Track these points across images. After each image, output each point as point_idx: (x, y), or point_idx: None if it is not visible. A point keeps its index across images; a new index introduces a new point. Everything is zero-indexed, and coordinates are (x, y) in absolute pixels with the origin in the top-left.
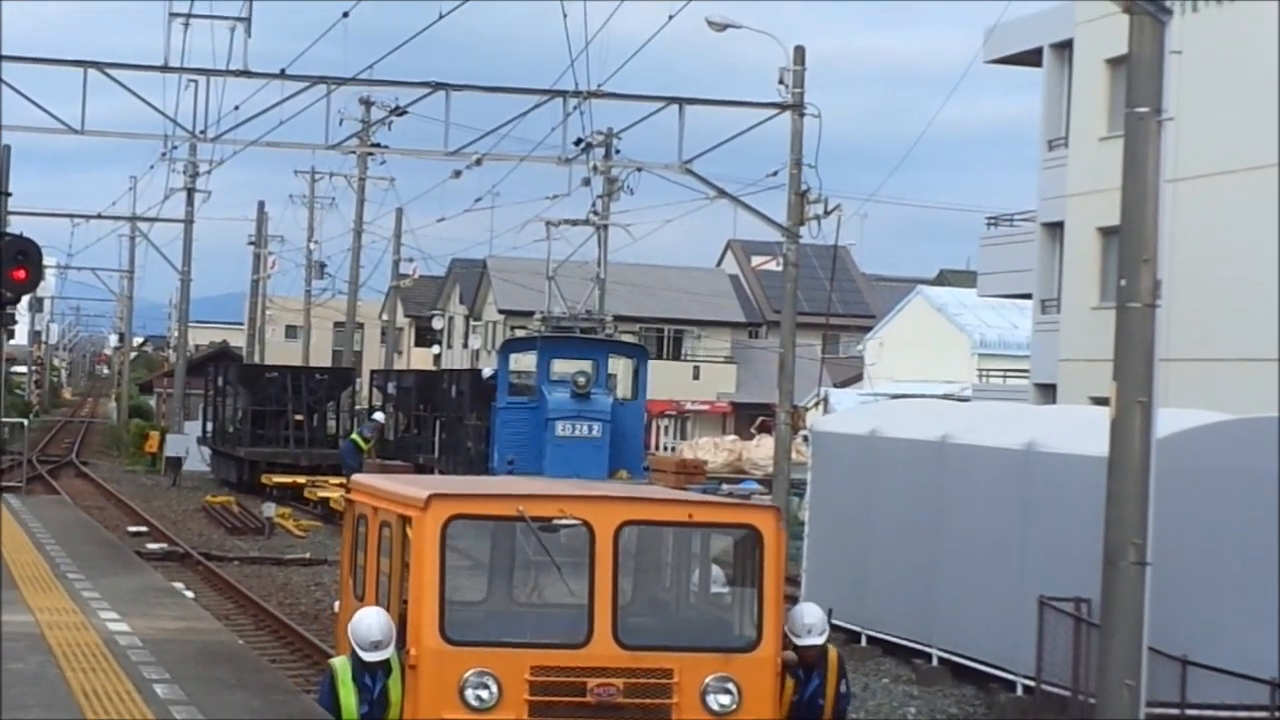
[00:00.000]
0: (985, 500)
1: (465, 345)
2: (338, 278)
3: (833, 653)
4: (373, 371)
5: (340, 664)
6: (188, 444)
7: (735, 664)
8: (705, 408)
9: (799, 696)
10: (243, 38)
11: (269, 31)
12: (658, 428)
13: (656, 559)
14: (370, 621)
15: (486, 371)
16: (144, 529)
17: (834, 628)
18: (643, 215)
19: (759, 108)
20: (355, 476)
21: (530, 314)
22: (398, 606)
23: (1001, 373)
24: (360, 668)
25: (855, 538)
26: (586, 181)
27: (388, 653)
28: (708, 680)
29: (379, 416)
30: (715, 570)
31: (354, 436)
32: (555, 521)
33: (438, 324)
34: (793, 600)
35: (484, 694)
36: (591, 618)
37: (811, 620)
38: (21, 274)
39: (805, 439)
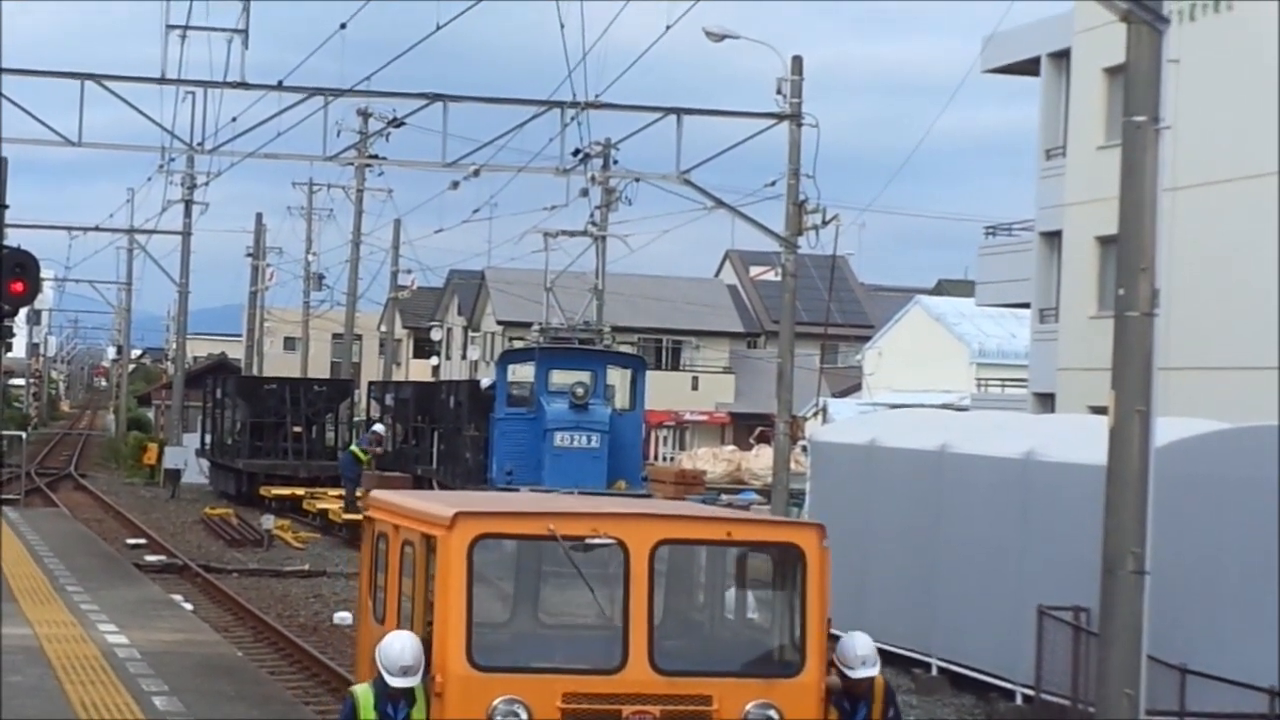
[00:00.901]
0: (984, 509)
1: (464, 356)
2: (336, 289)
3: (879, 680)
4: (370, 383)
5: (362, 691)
6: (186, 456)
7: (777, 690)
8: (704, 418)
9: None
10: (240, 49)
11: (266, 43)
12: (656, 438)
13: (694, 579)
14: (401, 645)
15: (485, 382)
16: (142, 541)
17: (831, 637)
18: (641, 225)
19: (757, 118)
20: (374, 493)
21: (529, 325)
22: (421, 630)
23: (1000, 382)
24: (383, 696)
25: (854, 547)
26: (584, 192)
27: (418, 678)
28: (749, 708)
29: (379, 428)
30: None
31: (353, 448)
32: (588, 540)
33: (436, 335)
34: None
35: None
36: (626, 642)
37: (865, 651)
38: (19, 286)
39: (804, 449)
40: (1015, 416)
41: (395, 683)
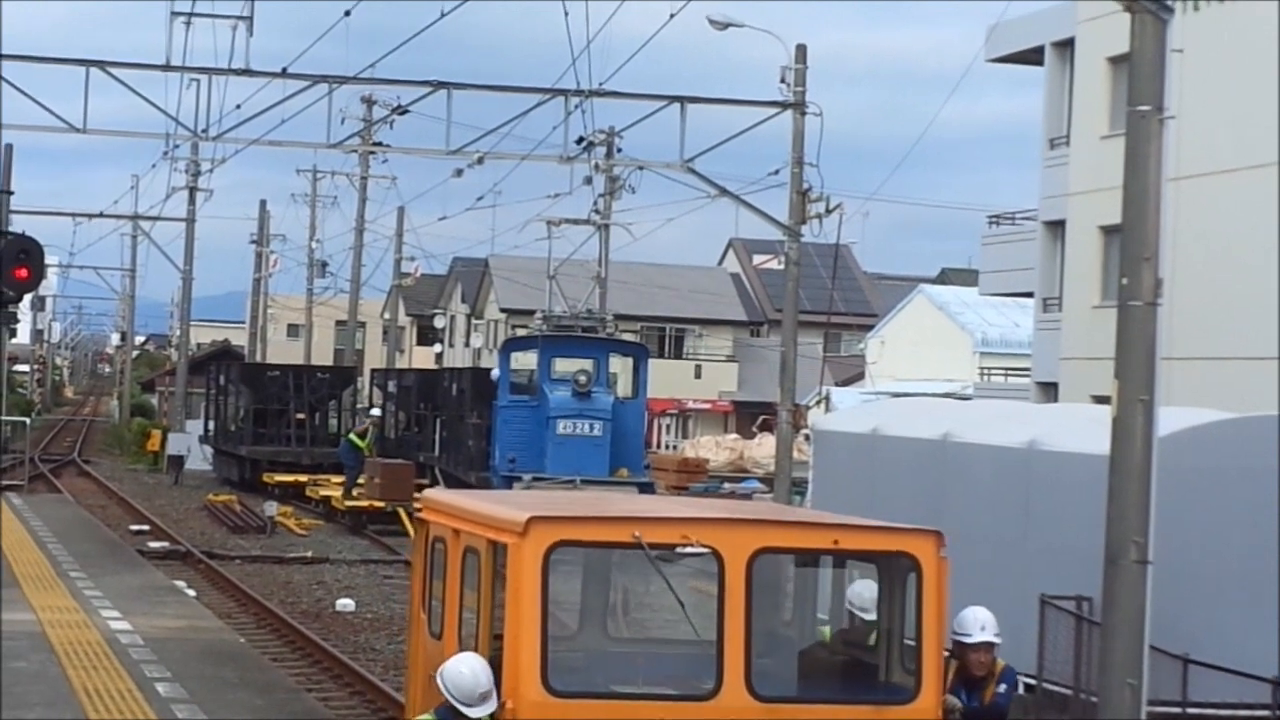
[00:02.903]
0: (987, 498)
1: (467, 344)
2: (339, 276)
3: (999, 662)
4: (373, 370)
5: None
6: (189, 443)
7: (890, 718)
8: (707, 406)
9: None
10: (244, 36)
11: (270, 30)
12: (659, 426)
13: (792, 592)
14: (472, 670)
15: (495, 373)
16: (146, 528)
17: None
18: (644, 214)
19: (760, 106)
20: (428, 492)
21: (532, 313)
22: (487, 649)
23: (1003, 371)
24: None
25: None
26: (588, 180)
27: (494, 703)
28: None
29: (375, 412)
30: (859, 587)
31: (351, 436)
32: (678, 549)
33: (439, 323)
34: None
35: None
36: (721, 663)
37: (984, 617)
38: (23, 273)
39: (807, 437)
40: (1018, 406)
41: (474, 713)
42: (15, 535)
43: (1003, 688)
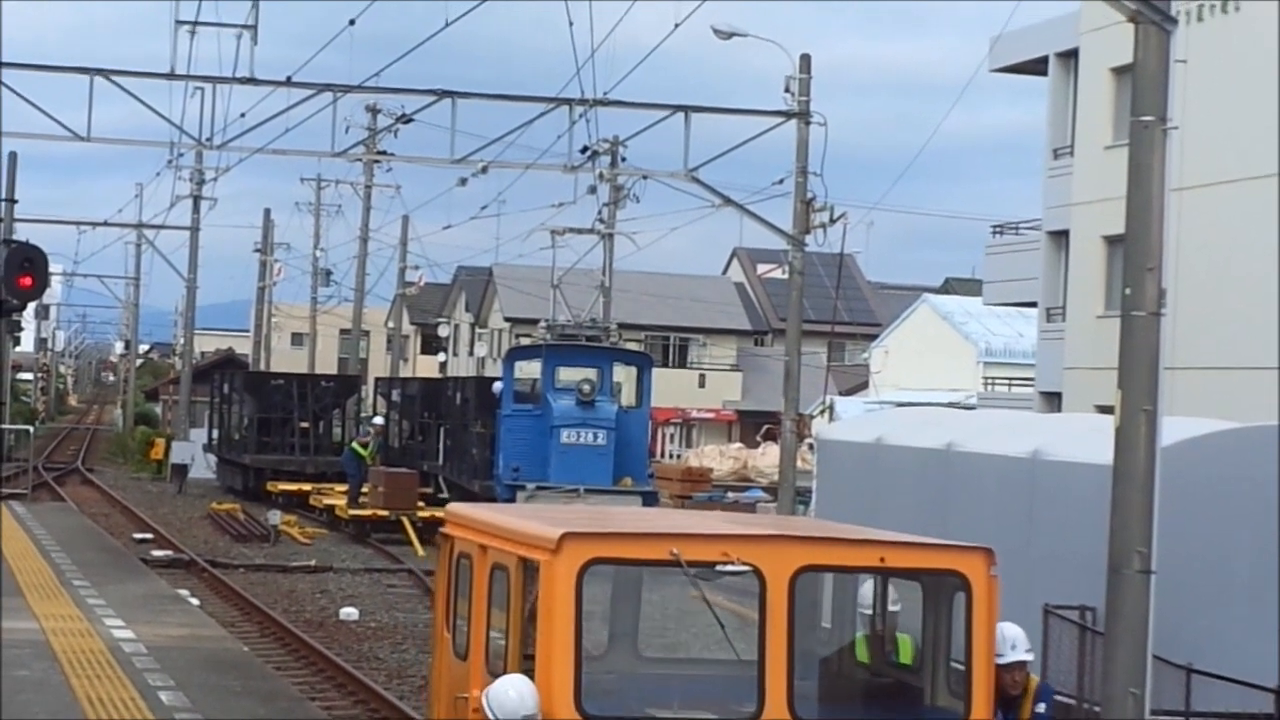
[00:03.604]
0: (990, 508)
1: (471, 353)
2: (344, 285)
3: (1033, 679)
4: (377, 379)
5: None
6: (193, 451)
7: None
8: (711, 416)
9: None
10: (249, 45)
11: (275, 39)
12: (663, 435)
13: (840, 612)
14: (518, 693)
15: (497, 386)
16: (149, 536)
17: None
18: (649, 223)
19: (765, 116)
20: (453, 506)
21: (536, 321)
22: (517, 669)
23: (1007, 381)
24: None
25: None
26: (592, 189)
27: None
28: None
29: (378, 420)
30: (869, 588)
31: (353, 445)
32: (718, 567)
33: (444, 331)
34: None
35: None
36: (762, 685)
37: (1014, 634)
38: (27, 281)
39: (811, 447)
40: (1022, 415)
41: None
42: (19, 544)
43: (1041, 706)
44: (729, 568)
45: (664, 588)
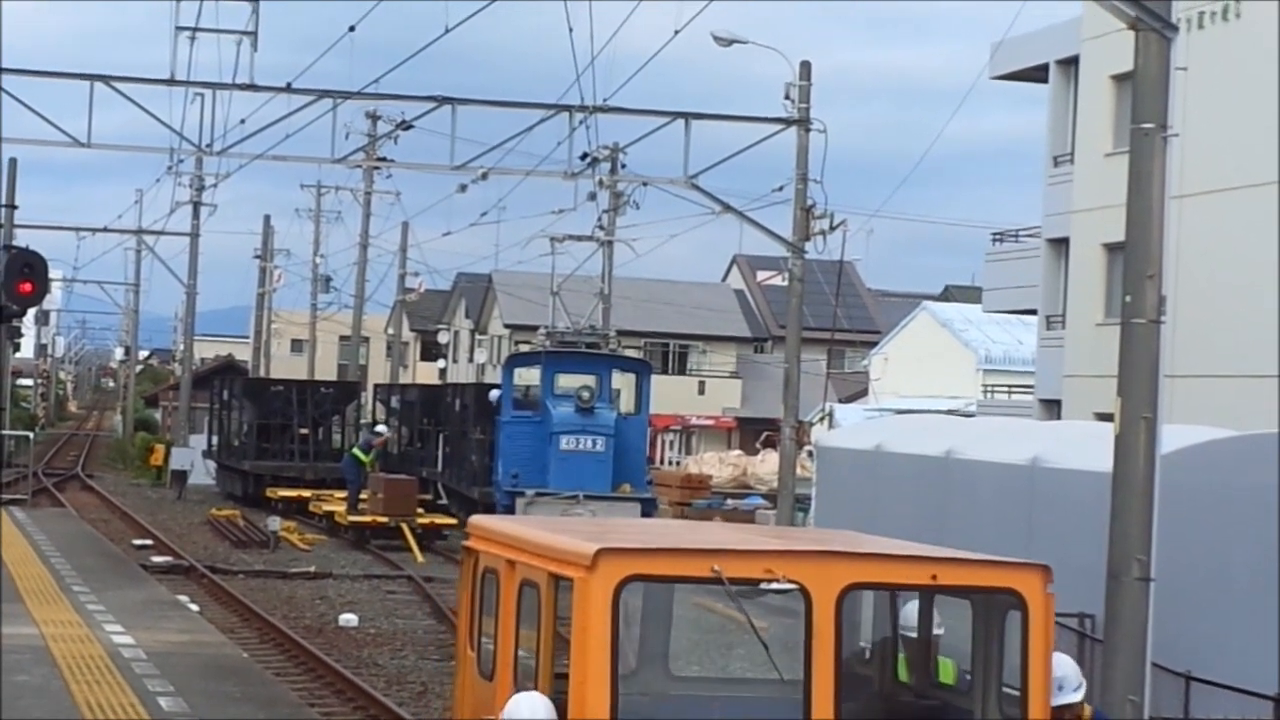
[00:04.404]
0: (989, 515)
1: (471, 359)
2: (343, 291)
3: (1086, 711)
4: (376, 385)
5: None
6: (193, 457)
7: None
8: (710, 422)
9: None
10: (249, 51)
11: (275, 45)
12: (663, 443)
13: (880, 629)
14: (531, 707)
15: (494, 394)
16: (149, 542)
17: None
18: (649, 230)
19: (765, 123)
20: (477, 518)
21: (536, 328)
22: (547, 691)
23: (1006, 388)
24: None
25: None
26: (592, 196)
27: None
28: None
29: (381, 429)
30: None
31: (354, 451)
32: (762, 585)
33: (443, 338)
34: None
35: None
36: (808, 707)
37: (1063, 672)
38: (27, 287)
39: (810, 454)
40: (1021, 423)
41: None
42: (19, 549)
43: None
44: (773, 585)
45: (693, 603)
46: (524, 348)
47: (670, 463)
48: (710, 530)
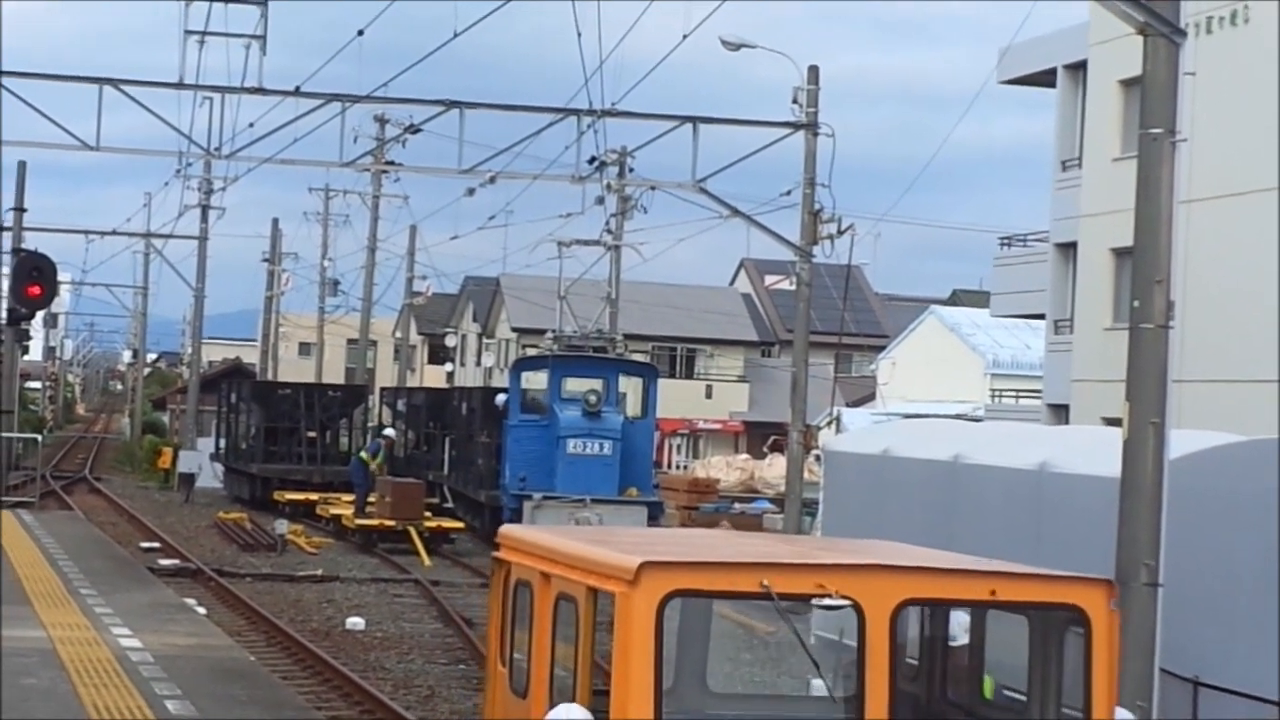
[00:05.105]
0: (997, 520)
1: (478, 363)
2: (351, 295)
3: None
4: (382, 389)
5: None
6: (201, 460)
7: None
8: (718, 427)
9: None
10: (258, 55)
11: (284, 49)
12: (670, 447)
13: (929, 645)
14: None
15: (500, 398)
16: (156, 545)
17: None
18: (656, 234)
19: (773, 127)
20: (507, 528)
21: (543, 332)
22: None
23: (1014, 393)
24: None
25: None
26: (600, 200)
27: None
28: None
29: (389, 432)
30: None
31: (361, 454)
32: (813, 601)
33: (451, 341)
34: None
35: None
36: None
37: None
38: (36, 290)
39: (817, 458)
40: (1029, 427)
41: None
42: (27, 552)
43: None
44: (825, 601)
45: (768, 621)
46: (531, 351)
47: (677, 466)
48: (754, 542)
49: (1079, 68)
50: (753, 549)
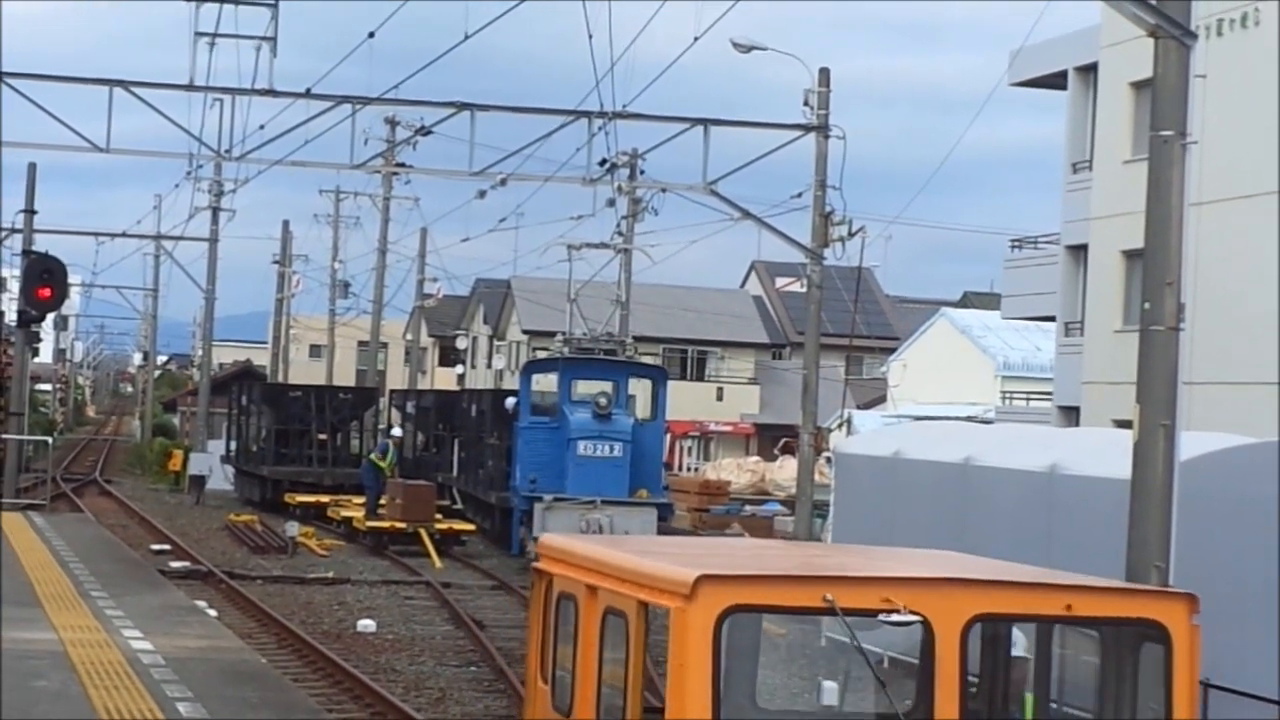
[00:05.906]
0: (1008, 522)
1: (489, 365)
2: (362, 297)
3: None
4: (392, 391)
5: None
6: (211, 462)
7: None
8: (729, 429)
9: None
10: (268, 57)
11: (294, 51)
12: (681, 449)
13: (991, 659)
14: None
15: (510, 401)
16: (167, 547)
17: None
18: (667, 236)
19: (784, 129)
20: (546, 538)
21: (554, 334)
22: None
23: (1025, 395)
24: None
25: None
26: (611, 202)
27: None
28: None
29: (396, 432)
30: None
31: (371, 457)
32: (880, 617)
33: (462, 344)
34: None
35: None
36: None
37: None
38: (47, 292)
39: (828, 460)
40: (1040, 429)
41: None
42: (38, 554)
43: None
44: (893, 617)
45: (825, 636)
46: (542, 354)
47: (688, 469)
48: (809, 551)
49: (1090, 70)
50: (810, 560)
